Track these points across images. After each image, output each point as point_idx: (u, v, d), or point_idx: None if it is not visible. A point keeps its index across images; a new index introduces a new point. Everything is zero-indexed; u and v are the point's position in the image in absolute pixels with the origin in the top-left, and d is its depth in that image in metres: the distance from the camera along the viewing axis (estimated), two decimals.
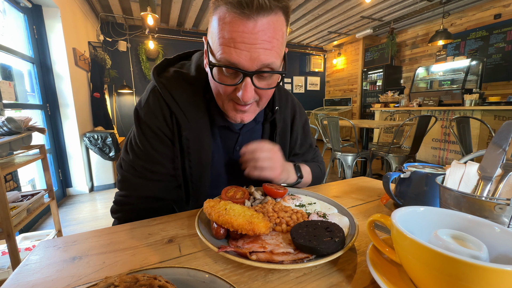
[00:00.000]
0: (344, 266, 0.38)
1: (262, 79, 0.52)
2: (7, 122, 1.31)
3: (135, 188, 0.63)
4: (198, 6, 4.28)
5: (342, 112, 6.19)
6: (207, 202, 0.48)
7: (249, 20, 0.45)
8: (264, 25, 0.46)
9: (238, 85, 0.51)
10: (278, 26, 0.48)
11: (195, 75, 0.64)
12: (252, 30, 0.45)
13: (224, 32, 0.46)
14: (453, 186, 0.46)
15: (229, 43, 0.46)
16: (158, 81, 0.62)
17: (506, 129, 0.44)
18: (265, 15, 0.46)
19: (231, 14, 0.45)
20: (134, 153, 0.63)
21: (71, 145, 2.99)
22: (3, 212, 1.19)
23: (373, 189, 0.75)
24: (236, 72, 0.50)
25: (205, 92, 0.64)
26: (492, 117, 3.09)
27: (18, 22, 2.47)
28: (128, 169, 0.64)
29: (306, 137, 0.87)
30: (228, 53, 0.47)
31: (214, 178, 0.71)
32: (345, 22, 5.16)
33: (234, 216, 0.42)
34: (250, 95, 0.51)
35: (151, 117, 0.61)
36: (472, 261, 0.23)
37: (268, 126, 0.75)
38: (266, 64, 0.48)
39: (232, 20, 0.45)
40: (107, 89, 4.56)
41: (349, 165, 2.77)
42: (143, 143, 0.62)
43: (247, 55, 0.46)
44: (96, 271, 0.37)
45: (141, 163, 0.62)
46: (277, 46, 0.49)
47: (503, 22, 3.88)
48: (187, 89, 0.63)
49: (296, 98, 0.85)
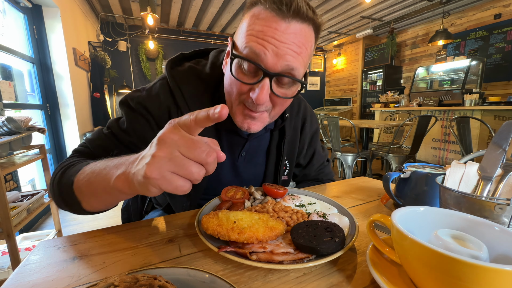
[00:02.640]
0: (344, 266, 0.38)
1: (281, 86, 0.51)
2: (7, 122, 1.31)
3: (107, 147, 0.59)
4: (198, 6, 4.28)
5: (342, 112, 6.18)
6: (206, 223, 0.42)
7: (284, 20, 0.45)
8: (297, 29, 0.46)
9: (255, 84, 0.48)
10: (309, 37, 0.48)
11: (208, 72, 0.63)
12: (285, 30, 0.45)
13: (255, 25, 0.46)
14: (453, 186, 0.46)
15: (258, 34, 0.45)
16: (170, 73, 0.62)
17: (506, 129, 0.44)
18: (299, 21, 0.45)
19: (267, 11, 0.45)
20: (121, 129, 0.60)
21: (71, 145, 2.99)
22: (3, 212, 1.19)
23: (373, 189, 0.74)
24: (256, 71, 0.48)
25: (215, 91, 0.63)
26: (492, 117, 3.09)
27: (18, 22, 2.47)
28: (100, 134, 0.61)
29: (311, 148, 0.82)
30: (255, 43, 0.45)
31: (214, 182, 0.68)
32: (345, 22, 5.16)
33: (250, 228, 0.40)
34: (265, 98, 0.48)
35: (151, 100, 0.60)
36: (472, 261, 0.23)
37: (277, 134, 0.73)
38: (290, 67, 0.47)
39: (266, 17, 0.45)
40: (107, 89, 4.56)
41: (349, 165, 2.77)
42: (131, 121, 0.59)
43: (274, 50, 0.45)
44: (96, 271, 0.37)
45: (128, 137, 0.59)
46: (304, 55, 0.48)
47: (503, 22, 3.88)
48: (197, 85, 0.62)
49: (310, 106, 0.82)
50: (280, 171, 0.75)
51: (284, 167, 0.76)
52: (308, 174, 0.87)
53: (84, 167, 0.46)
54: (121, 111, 0.62)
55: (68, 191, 0.47)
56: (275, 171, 0.75)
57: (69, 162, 0.53)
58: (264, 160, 0.74)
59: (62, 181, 0.49)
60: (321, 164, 0.87)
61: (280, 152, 0.73)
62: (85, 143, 0.61)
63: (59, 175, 0.50)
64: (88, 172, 0.44)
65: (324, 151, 0.88)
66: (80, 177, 0.45)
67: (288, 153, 0.75)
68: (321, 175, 0.88)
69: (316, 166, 0.86)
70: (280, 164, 0.74)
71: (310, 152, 0.83)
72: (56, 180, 0.51)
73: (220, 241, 0.41)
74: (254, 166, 0.73)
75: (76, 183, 0.46)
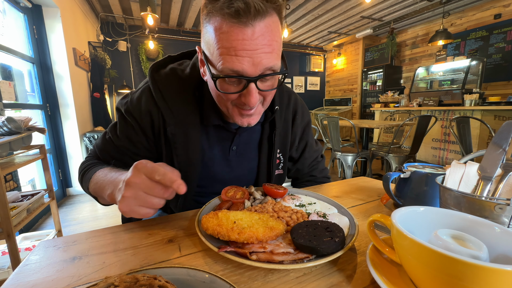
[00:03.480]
0: (344, 266, 0.38)
1: (265, 82, 0.52)
2: (7, 122, 1.31)
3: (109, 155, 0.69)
4: (198, 6, 4.28)
5: (342, 112, 6.18)
6: (206, 223, 0.42)
7: (247, 27, 0.44)
8: (262, 29, 0.46)
9: (243, 91, 0.51)
10: (275, 28, 0.48)
11: (188, 72, 0.65)
12: (252, 36, 0.45)
13: (223, 42, 0.46)
14: (453, 186, 0.46)
15: (230, 52, 0.46)
16: (151, 76, 0.64)
17: (506, 129, 0.44)
18: (261, 19, 0.45)
19: (228, 23, 0.44)
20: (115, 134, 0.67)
21: (71, 145, 2.99)
22: (3, 212, 1.19)
23: (373, 189, 0.74)
24: (239, 79, 0.50)
25: (195, 90, 0.64)
26: (492, 117, 3.09)
27: (18, 22, 2.47)
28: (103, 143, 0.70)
29: (303, 140, 0.83)
30: (230, 62, 0.46)
31: (209, 178, 0.71)
32: (345, 22, 5.16)
33: (250, 228, 0.40)
34: (255, 99, 0.51)
35: (134, 105, 0.64)
36: (472, 261, 0.23)
37: (267, 126, 0.74)
38: (268, 67, 0.48)
39: (229, 30, 0.45)
40: (107, 89, 4.56)
41: (349, 165, 2.77)
42: (122, 129, 0.66)
43: (249, 61, 0.46)
44: (96, 271, 0.37)
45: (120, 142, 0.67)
46: (277, 48, 0.49)
47: (503, 22, 3.88)
48: (177, 85, 0.64)
49: (300, 98, 0.82)
50: (273, 164, 0.75)
51: (278, 160, 0.76)
52: (301, 170, 0.86)
53: (92, 176, 0.60)
54: (116, 116, 0.69)
55: (88, 191, 0.64)
56: (267, 164, 0.76)
57: (85, 166, 0.67)
58: (257, 154, 0.75)
59: (83, 183, 0.65)
60: (314, 159, 0.87)
61: (272, 145, 0.74)
62: (93, 148, 0.72)
63: (81, 177, 0.66)
64: (94, 182, 0.59)
65: (317, 146, 0.88)
66: (90, 185, 0.61)
67: (280, 145, 0.75)
68: (314, 172, 0.88)
69: (308, 160, 0.85)
70: (273, 156, 0.74)
71: (302, 144, 0.83)
72: (80, 180, 0.68)
73: (220, 241, 0.41)
74: (247, 160, 0.74)
75: (90, 187, 0.61)
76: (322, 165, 0.90)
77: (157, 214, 0.76)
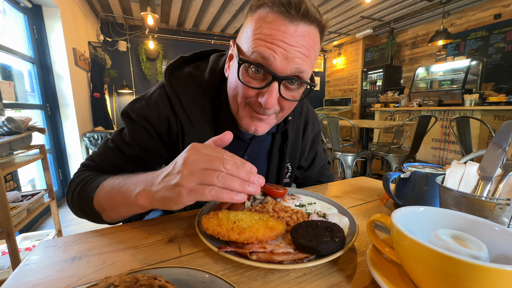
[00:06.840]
0: (344, 266, 0.38)
1: (289, 89, 0.50)
2: (7, 122, 1.31)
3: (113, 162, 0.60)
4: (198, 6, 4.28)
5: (342, 112, 6.18)
6: (206, 223, 0.42)
7: (292, 23, 0.44)
8: (305, 32, 0.45)
9: (264, 89, 0.48)
10: (316, 39, 0.47)
11: (207, 78, 0.62)
12: (294, 33, 0.44)
13: (263, 29, 0.44)
14: (453, 186, 0.46)
15: (267, 38, 0.44)
16: (168, 80, 0.61)
17: (506, 129, 0.44)
18: (307, 23, 0.45)
19: (274, 14, 0.44)
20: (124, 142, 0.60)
21: (71, 145, 2.99)
22: (3, 212, 1.19)
23: (373, 189, 0.74)
24: (264, 75, 0.48)
25: (214, 98, 0.62)
26: (492, 117, 3.09)
27: (18, 22, 2.47)
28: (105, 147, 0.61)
29: (313, 150, 0.82)
30: (263, 47, 0.44)
31: None
32: (345, 22, 5.16)
33: (250, 228, 0.40)
34: (274, 101, 0.48)
35: (150, 109, 0.59)
36: (472, 261, 0.23)
37: (279, 136, 0.72)
38: (299, 70, 0.47)
39: (274, 20, 0.44)
40: (107, 89, 4.56)
41: (349, 165, 2.77)
42: (133, 135, 0.59)
43: (283, 53, 0.44)
44: (96, 271, 0.37)
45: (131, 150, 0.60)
46: (312, 57, 0.48)
47: (503, 22, 3.88)
48: (195, 92, 0.61)
49: (312, 108, 0.81)
50: (283, 174, 0.74)
51: (286, 169, 0.75)
52: (309, 177, 0.86)
53: (102, 184, 0.50)
54: (123, 122, 0.62)
55: (89, 206, 0.51)
56: (277, 174, 0.75)
57: (84, 178, 0.56)
58: (266, 164, 0.74)
59: (82, 197, 0.53)
60: (322, 166, 0.87)
61: (283, 155, 0.72)
62: (92, 157, 0.62)
63: (78, 191, 0.54)
64: (108, 189, 0.49)
65: (325, 154, 0.88)
66: (100, 193, 0.50)
67: (290, 155, 0.74)
68: (322, 178, 0.88)
69: (317, 168, 0.85)
70: (283, 167, 0.73)
71: (312, 154, 0.82)
72: (75, 197, 0.54)
73: (220, 241, 0.41)
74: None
75: (96, 198, 0.50)
76: (329, 171, 0.89)
77: (158, 214, 0.76)
